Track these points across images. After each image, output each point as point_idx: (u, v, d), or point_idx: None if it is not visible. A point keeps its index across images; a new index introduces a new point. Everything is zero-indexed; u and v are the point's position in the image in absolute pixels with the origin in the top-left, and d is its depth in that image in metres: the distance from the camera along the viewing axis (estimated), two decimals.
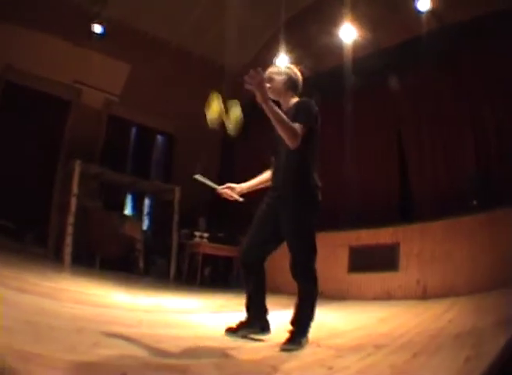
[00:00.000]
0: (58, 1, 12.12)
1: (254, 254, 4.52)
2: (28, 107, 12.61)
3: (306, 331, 4.16)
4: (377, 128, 11.60)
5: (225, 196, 4.74)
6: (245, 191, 4.74)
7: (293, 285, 4.30)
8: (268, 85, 4.20)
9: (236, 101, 4.09)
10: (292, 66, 4.70)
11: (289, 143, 3.96)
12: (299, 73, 4.64)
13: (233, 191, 4.72)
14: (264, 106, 3.83)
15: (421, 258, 8.68)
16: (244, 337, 4.28)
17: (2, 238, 10.69)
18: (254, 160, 13.37)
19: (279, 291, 9.89)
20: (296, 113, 4.16)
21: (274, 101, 4.05)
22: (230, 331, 4.30)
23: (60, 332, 3.42)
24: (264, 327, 4.40)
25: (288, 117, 4.02)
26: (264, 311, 4.46)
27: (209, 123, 4.12)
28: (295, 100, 4.48)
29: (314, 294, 4.27)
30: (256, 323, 4.37)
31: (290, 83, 4.52)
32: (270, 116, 3.87)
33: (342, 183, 11.46)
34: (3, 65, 12.09)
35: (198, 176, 4.46)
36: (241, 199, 4.69)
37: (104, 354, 2.97)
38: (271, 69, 4.58)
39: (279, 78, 4.49)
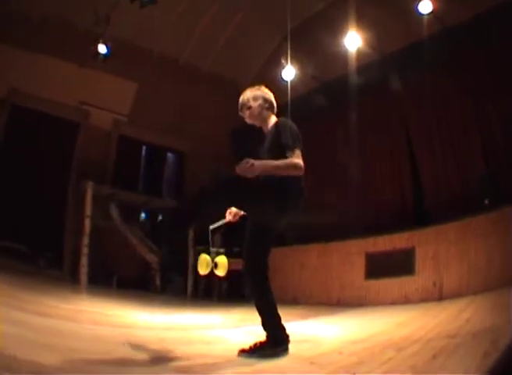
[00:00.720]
0: (61, 23, 12.25)
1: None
2: (36, 130, 12.70)
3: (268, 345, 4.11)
4: (386, 134, 11.64)
5: (233, 221, 4.80)
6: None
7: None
8: (247, 112, 4.48)
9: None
10: (263, 88, 4.70)
11: (298, 173, 4.03)
12: (270, 93, 4.67)
13: (237, 214, 4.76)
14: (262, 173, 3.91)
15: (437, 260, 8.67)
16: (264, 356, 4.01)
17: (16, 261, 10.69)
18: None
19: (295, 302, 9.95)
20: (277, 135, 4.21)
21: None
22: (245, 352, 4.05)
23: (82, 354, 3.42)
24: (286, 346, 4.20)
25: (269, 138, 4.27)
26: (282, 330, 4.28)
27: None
28: (274, 120, 4.54)
29: (264, 306, 4.27)
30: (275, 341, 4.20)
31: (266, 105, 4.56)
32: (272, 172, 3.96)
33: (355, 191, 11.50)
34: (9, 88, 12.17)
35: (212, 226, 4.74)
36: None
37: (130, 373, 3.00)
38: (246, 96, 4.57)
39: (255, 104, 4.52)
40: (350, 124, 11.46)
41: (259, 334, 4.25)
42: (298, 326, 5.09)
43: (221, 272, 4.55)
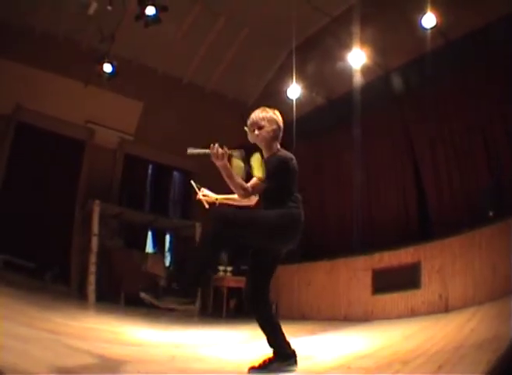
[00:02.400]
0: (66, 41, 12.41)
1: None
2: (42, 148, 12.82)
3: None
4: (391, 149, 11.68)
5: (203, 202, 4.73)
6: (217, 201, 4.71)
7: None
8: (256, 132, 4.39)
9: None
10: (278, 113, 4.56)
11: (239, 194, 4.16)
12: (282, 121, 4.56)
13: (209, 198, 4.73)
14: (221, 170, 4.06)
15: (442, 273, 8.69)
16: (274, 371, 4.10)
17: (23, 277, 10.75)
18: None
19: (303, 318, 10.00)
20: (268, 167, 4.24)
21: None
22: (255, 369, 4.10)
23: (93, 373, 3.47)
24: (294, 361, 4.22)
25: (266, 165, 4.23)
26: (287, 344, 4.28)
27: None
28: (277, 149, 4.47)
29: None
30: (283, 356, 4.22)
31: (277, 134, 4.47)
32: (223, 173, 4.08)
33: (360, 206, 11.59)
34: (14, 106, 12.28)
35: (191, 150, 4.36)
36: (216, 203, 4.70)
37: None
38: (261, 115, 4.46)
39: (269, 128, 4.41)
40: (355, 141, 11.52)
41: (269, 350, 4.25)
42: (307, 341, 5.12)
43: (258, 170, 4.20)
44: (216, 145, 4.00)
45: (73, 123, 13.33)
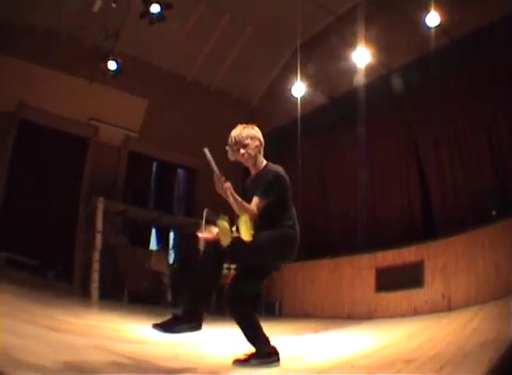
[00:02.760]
0: (70, 38, 12.47)
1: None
2: (45, 145, 12.88)
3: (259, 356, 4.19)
4: (395, 148, 11.68)
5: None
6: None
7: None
8: (242, 151, 4.42)
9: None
10: (256, 128, 4.62)
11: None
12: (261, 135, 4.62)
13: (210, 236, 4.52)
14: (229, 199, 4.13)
15: (445, 272, 8.70)
16: (255, 366, 4.14)
17: (26, 274, 10.76)
18: None
19: (307, 316, 10.00)
20: (262, 183, 4.29)
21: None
22: (239, 362, 4.17)
23: (96, 370, 3.48)
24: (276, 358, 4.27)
25: (258, 180, 4.36)
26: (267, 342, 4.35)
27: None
28: (264, 162, 4.55)
29: (249, 330, 4.35)
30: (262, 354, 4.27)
31: (260, 149, 4.53)
32: (233, 204, 4.16)
33: (364, 205, 11.59)
34: (18, 103, 12.32)
35: (207, 151, 4.37)
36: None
37: None
38: (244, 133, 4.51)
39: (254, 144, 4.48)
40: (359, 139, 11.50)
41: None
42: (310, 339, 5.12)
43: (245, 234, 4.03)
44: (223, 178, 4.13)
45: (77, 121, 13.40)
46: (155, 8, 10.22)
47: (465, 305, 7.97)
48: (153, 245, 14.50)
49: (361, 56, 10.91)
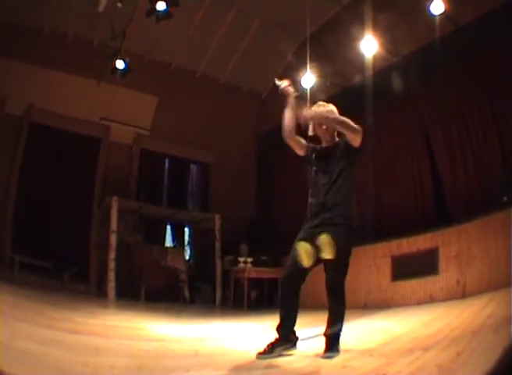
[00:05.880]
0: (77, 39, 12.55)
1: (295, 281, 4.67)
2: (56, 147, 12.92)
3: (339, 339, 4.42)
4: (405, 137, 11.64)
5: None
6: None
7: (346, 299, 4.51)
8: (324, 126, 4.67)
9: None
10: (332, 105, 4.87)
11: (355, 137, 4.46)
12: None
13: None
14: (327, 122, 4.48)
15: (460, 259, 8.70)
16: (280, 355, 4.37)
17: (41, 277, 10.88)
18: (290, 182, 13.47)
19: (324, 307, 10.05)
20: (346, 147, 4.54)
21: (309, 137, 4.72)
22: (263, 354, 4.33)
23: (122, 371, 3.51)
24: (294, 343, 4.60)
25: (334, 154, 4.57)
26: (294, 332, 4.64)
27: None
28: (337, 138, 4.77)
29: (344, 310, 4.56)
30: (287, 340, 4.53)
31: None
32: (334, 123, 4.49)
33: (377, 195, 11.62)
34: (26, 106, 12.40)
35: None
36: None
37: None
38: (327, 108, 4.77)
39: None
40: (369, 129, 11.51)
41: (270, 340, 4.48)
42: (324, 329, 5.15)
43: (329, 253, 4.29)
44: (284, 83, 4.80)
45: (87, 121, 13.45)
46: (161, 6, 10.23)
47: (479, 291, 7.98)
48: (168, 242, 14.56)
49: (369, 45, 10.86)
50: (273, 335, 4.55)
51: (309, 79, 11.62)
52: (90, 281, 12.44)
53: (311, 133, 4.76)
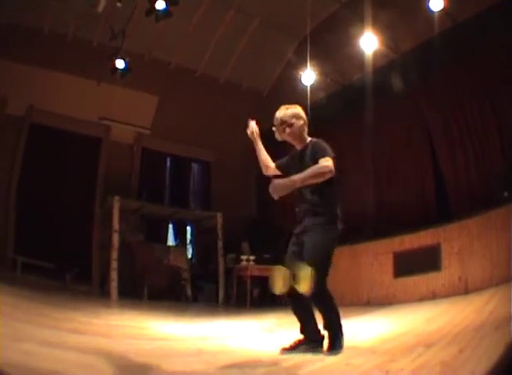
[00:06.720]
0: (76, 40, 12.53)
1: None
2: (57, 147, 12.94)
3: (342, 336, 4.40)
4: (406, 134, 11.65)
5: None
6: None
7: (341, 298, 4.53)
8: (287, 130, 4.63)
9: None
10: (299, 107, 4.82)
11: (326, 178, 4.30)
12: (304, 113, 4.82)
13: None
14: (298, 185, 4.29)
15: (461, 255, 8.70)
16: (303, 352, 4.37)
17: (43, 278, 10.89)
18: None
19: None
20: (315, 152, 4.45)
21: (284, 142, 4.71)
22: (286, 350, 4.40)
23: (126, 371, 3.50)
24: (320, 342, 4.52)
25: (304, 155, 4.55)
26: (318, 332, 4.57)
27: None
28: (308, 139, 4.73)
29: (334, 315, 4.49)
30: (312, 340, 4.51)
31: (305, 125, 4.75)
32: (301, 184, 4.31)
33: (378, 191, 11.62)
34: (27, 107, 12.43)
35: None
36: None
37: None
38: (288, 114, 4.70)
39: (298, 123, 4.67)
40: (370, 125, 11.49)
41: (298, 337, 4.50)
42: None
43: (303, 288, 4.15)
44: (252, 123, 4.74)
45: (88, 121, 13.48)
46: (161, 5, 10.20)
47: (481, 287, 7.99)
48: (170, 241, 14.58)
49: (368, 42, 10.84)
50: (276, 334, 4.55)
51: (309, 76, 11.60)
52: (93, 281, 12.47)
53: (279, 139, 4.76)
